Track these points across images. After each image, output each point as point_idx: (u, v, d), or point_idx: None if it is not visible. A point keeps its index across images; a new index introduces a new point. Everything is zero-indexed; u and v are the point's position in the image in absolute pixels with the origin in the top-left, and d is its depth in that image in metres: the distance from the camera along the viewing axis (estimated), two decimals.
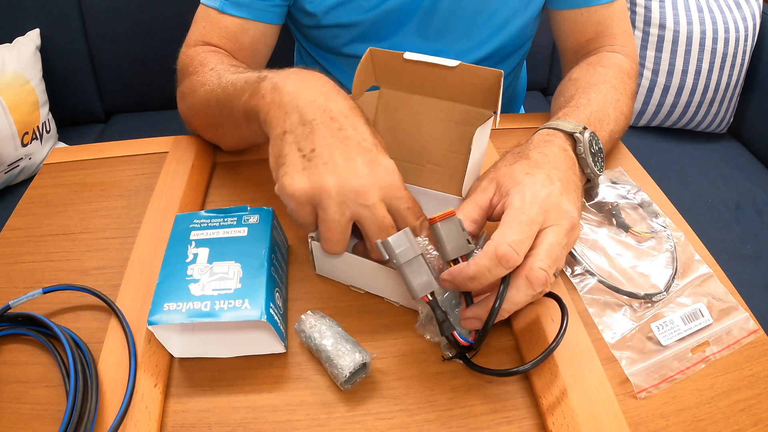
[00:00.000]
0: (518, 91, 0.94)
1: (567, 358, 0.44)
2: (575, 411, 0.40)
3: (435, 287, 0.41)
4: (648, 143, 1.38)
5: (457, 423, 0.41)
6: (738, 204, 1.24)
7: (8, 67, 1.13)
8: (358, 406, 0.42)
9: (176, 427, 0.41)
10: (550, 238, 0.41)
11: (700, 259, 0.53)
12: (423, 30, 0.71)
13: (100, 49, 1.28)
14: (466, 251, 0.42)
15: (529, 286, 0.40)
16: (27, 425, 0.41)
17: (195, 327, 0.46)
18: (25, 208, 0.60)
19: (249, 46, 0.68)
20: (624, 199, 0.59)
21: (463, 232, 0.42)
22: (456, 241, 0.42)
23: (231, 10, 0.65)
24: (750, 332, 0.47)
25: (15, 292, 0.50)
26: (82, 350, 0.44)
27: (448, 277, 0.41)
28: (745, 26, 1.32)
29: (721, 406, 0.42)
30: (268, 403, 0.42)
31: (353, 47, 0.73)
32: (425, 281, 0.40)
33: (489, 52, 0.75)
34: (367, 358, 0.42)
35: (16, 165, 1.13)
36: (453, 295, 0.45)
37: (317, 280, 0.52)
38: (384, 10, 0.68)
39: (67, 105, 1.31)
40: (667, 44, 1.32)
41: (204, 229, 0.46)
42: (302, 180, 0.42)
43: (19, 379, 0.44)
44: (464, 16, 0.70)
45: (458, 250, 0.42)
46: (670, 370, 0.44)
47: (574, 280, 0.51)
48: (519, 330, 0.47)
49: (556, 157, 0.48)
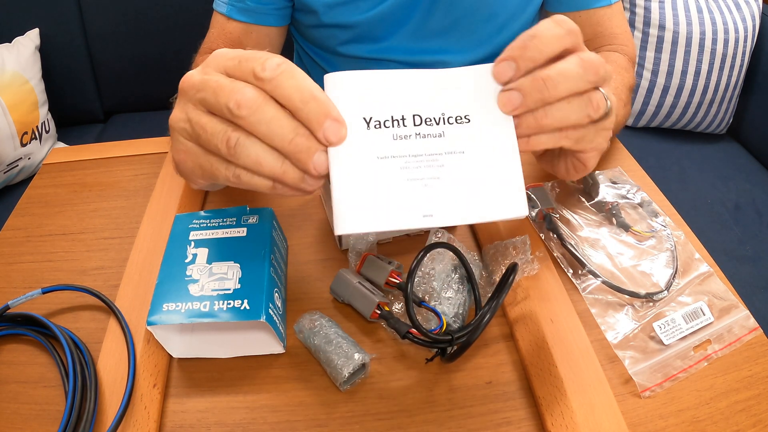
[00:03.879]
0: None
1: (566, 358, 0.44)
2: (574, 412, 0.40)
3: (375, 303, 0.45)
4: (647, 144, 1.38)
5: (456, 423, 0.41)
6: (737, 205, 1.24)
7: (8, 66, 1.12)
8: (357, 407, 0.42)
9: (175, 427, 0.41)
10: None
11: (700, 257, 0.53)
12: (420, 32, 0.71)
13: (99, 49, 1.28)
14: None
15: (580, 64, 0.34)
16: (26, 425, 0.41)
17: (194, 327, 0.46)
18: (24, 208, 0.60)
19: (253, 49, 0.68)
20: (624, 198, 0.59)
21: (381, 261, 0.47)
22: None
23: (236, 16, 0.67)
24: (750, 330, 0.47)
25: (14, 292, 0.50)
26: (81, 350, 0.44)
27: (511, 50, 0.35)
28: (745, 27, 1.32)
29: (720, 407, 0.42)
30: (267, 404, 0.42)
31: (350, 47, 0.73)
32: (368, 302, 0.46)
33: (486, 54, 0.75)
34: (366, 358, 0.42)
35: (15, 165, 1.13)
36: (441, 285, 0.46)
37: (317, 280, 0.51)
38: (382, 11, 0.68)
39: (66, 105, 1.31)
40: (667, 45, 1.32)
41: (203, 230, 0.46)
42: None
43: (18, 379, 0.44)
44: (461, 19, 0.70)
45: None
46: (673, 368, 0.44)
47: (577, 281, 0.51)
48: (513, 318, 0.47)
49: None
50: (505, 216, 0.35)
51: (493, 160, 0.35)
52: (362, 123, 0.34)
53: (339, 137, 0.33)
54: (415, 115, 0.35)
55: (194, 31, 0.79)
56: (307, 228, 0.57)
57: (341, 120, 0.33)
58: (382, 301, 0.46)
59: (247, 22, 0.67)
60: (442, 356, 0.44)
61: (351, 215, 0.33)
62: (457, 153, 0.35)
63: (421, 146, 0.34)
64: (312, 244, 0.55)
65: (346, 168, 0.33)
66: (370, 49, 0.73)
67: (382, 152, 0.34)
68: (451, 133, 0.35)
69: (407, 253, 0.54)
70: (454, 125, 0.35)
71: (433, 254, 0.49)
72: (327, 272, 0.52)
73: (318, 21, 0.70)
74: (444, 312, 0.46)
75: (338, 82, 0.35)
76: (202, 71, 0.34)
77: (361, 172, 0.33)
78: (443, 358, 0.44)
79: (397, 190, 0.34)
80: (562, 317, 0.47)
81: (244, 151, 0.32)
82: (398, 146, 0.34)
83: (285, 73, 0.32)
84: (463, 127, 0.35)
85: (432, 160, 0.34)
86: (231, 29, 0.67)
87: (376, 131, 0.34)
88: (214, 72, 0.33)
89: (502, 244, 0.51)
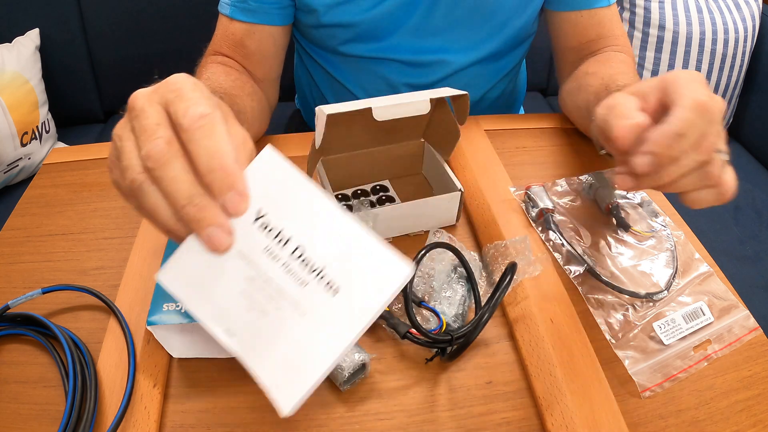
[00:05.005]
0: (518, 91, 0.94)
1: (566, 358, 0.44)
2: (574, 412, 0.40)
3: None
4: None
5: (457, 423, 0.41)
6: (737, 205, 1.24)
7: (8, 66, 1.12)
8: (357, 407, 0.42)
9: (175, 427, 0.41)
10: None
11: (700, 257, 0.53)
12: (421, 31, 0.71)
13: (99, 49, 1.28)
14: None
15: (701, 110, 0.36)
16: (26, 425, 0.41)
17: (194, 327, 0.46)
18: (25, 208, 0.60)
19: (256, 50, 0.69)
20: (624, 198, 0.59)
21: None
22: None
23: (239, 16, 0.67)
24: (750, 330, 0.47)
25: (14, 292, 0.50)
26: (81, 350, 0.44)
27: (651, 145, 0.37)
28: (745, 27, 1.32)
29: (720, 407, 0.42)
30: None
31: (351, 47, 0.73)
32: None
33: (487, 53, 0.75)
34: (366, 358, 0.42)
35: (15, 165, 1.13)
36: (441, 285, 0.46)
37: None
38: (382, 10, 0.68)
39: (66, 105, 1.31)
40: (667, 45, 1.32)
41: None
42: None
43: (18, 379, 0.44)
44: (462, 18, 0.70)
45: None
46: (673, 368, 0.44)
47: (576, 281, 0.51)
48: (513, 318, 0.47)
49: None
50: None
51: (317, 343, 0.31)
52: (253, 214, 0.31)
53: (237, 211, 0.31)
54: (300, 248, 0.31)
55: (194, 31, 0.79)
56: None
57: (245, 195, 0.31)
58: None
59: (250, 22, 0.67)
60: (441, 356, 0.44)
61: (173, 270, 0.32)
62: (298, 312, 0.31)
63: (280, 277, 0.31)
64: None
65: (212, 212, 0.30)
66: (371, 48, 0.73)
67: (245, 252, 0.31)
68: (312, 290, 0.31)
69: (407, 253, 0.54)
70: (321, 287, 0.31)
71: (433, 254, 0.49)
72: None
73: (318, 21, 0.70)
74: (444, 312, 0.46)
75: (268, 160, 0.32)
76: (149, 96, 0.33)
77: (223, 223, 0.31)
78: (443, 357, 0.44)
79: (224, 290, 0.31)
80: (562, 317, 0.47)
81: (143, 196, 0.31)
82: (261, 259, 0.31)
83: (202, 129, 0.30)
84: (325, 295, 0.31)
85: (276, 296, 0.31)
86: (234, 30, 0.67)
87: (256, 231, 0.31)
88: (155, 102, 0.32)
89: (501, 243, 0.51)
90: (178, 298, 0.32)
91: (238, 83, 0.63)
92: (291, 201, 0.32)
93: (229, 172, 0.30)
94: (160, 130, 0.31)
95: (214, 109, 0.31)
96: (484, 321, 0.43)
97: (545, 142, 0.70)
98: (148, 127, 0.31)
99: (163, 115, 0.31)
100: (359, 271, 0.31)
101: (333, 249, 0.31)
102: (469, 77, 0.77)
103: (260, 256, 0.31)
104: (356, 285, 0.31)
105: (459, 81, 0.77)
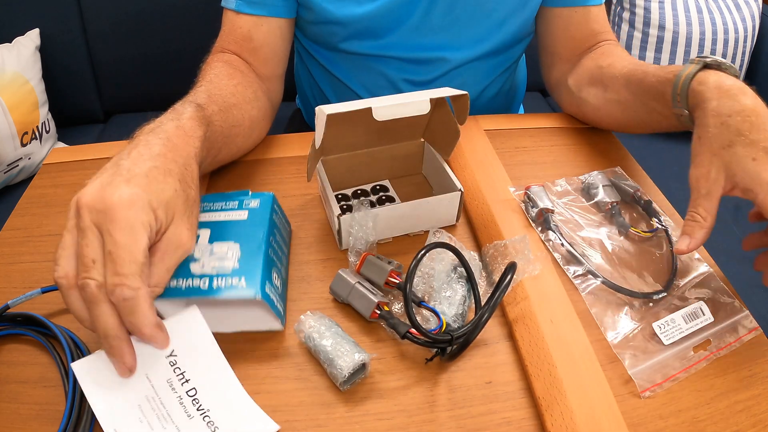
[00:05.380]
0: (517, 89, 0.94)
1: (566, 358, 0.44)
2: (574, 412, 0.40)
3: (375, 303, 0.45)
4: (647, 144, 1.38)
5: (456, 423, 0.41)
6: (737, 205, 1.24)
7: (8, 67, 1.12)
8: (357, 407, 0.42)
9: None
10: None
11: (700, 257, 0.53)
12: (420, 28, 0.71)
13: (99, 49, 1.28)
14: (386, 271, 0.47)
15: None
16: (25, 425, 0.41)
17: (196, 304, 0.46)
18: (25, 208, 0.60)
19: (263, 43, 0.69)
20: (623, 198, 0.59)
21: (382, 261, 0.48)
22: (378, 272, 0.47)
23: (246, 9, 0.67)
24: (750, 330, 0.47)
25: (14, 292, 0.50)
26: (81, 350, 0.44)
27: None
28: (745, 27, 1.32)
29: (720, 407, 0.42)
30: (267, 404, 0.42)
31: (351, 44, 0.73)
32: (367, 302, 0.46)
33: (486, 50, 0.75)
34: (366, 358, 0.42)
35: (15, 165, 1.13)
36: (441, 285, 0.46)
37: (317, 280, 0.52)
38: (382, 7, 0.68)
39: (66, 105, 1.31)
40: (667, 45, 1.32)
41: (205, 212, 0.47)
42: None
43: (17, 379, 0.44)
44: (462, 15, 0.71)
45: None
46: (672, 369, 0.44)
47: (576, 281, 0.51)
48: (513, 318, 0.47)
49: (761, 118, 0.47)
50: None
51: None
52: (168, 350, 0.40)
53: (158, 345, 0.40)
54: (195, 390, 0.40)
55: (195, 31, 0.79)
56: (307, 228, 0.57)
57: (165, 344, 0.40)
58: (381, 301, 0.46)
59: (258, 15, 0.67)
60: (441, 356, 0.44)
61: (88, 365, 0.39)
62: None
63: (173, 405, 0.39)
64: (312, 244, 0.55)
65: (121, 351, 0.38)
66: (371, 45, 0.73)
67: (150, 376, 0.39)
68: (195, 424, 0.39)
69: (407, 253, 0.54)
70: (203, 424, 0.39)
71: (432, 254, 0.49)
72: (327, 272, 0.52)
73: (317, 17, 0.70)
74: (443, 312, 0.46)
75: (192, 318, 0.41)
76: (90, 215, 0.37)
77: (127, 361, 0.38)
78: (443, 357, 0.44)
79: (125, 397, 0.39)
80: (562, 317, 0.47)
81: (68, 300, 0.37)
82: (162, 386, 0.39)
83: (126, 307, 0.36)
84: (205, 430, 0.39)
85: (166, 418, 0.39)
86: (241, 23, 0.67)
87: (165, 364, 0.40)
88: (94, 228, 0.37)
89: (501, 243, 0.51)
90: (83, 390, 0.39)
91: (240, 88, 0.62)
92: (198, 353, 0.41)
93: (148, 338, 0.38)
94: (93, 272, 0.36)
95: (141, 286, 0.36)
96: (483, 321, 0.43)
97: (545, 142, 0.70)
98: (85, 257, 0.36)
99: (99, 251, 0.36)
100: (236, 420, 0.40)
101: (220, 399, 0.40)
102: (467, 74, 0.77)
103: (162, 383, 0.39)
104: (231, 429, 0.39)
105: (457, 77, 0.77)
